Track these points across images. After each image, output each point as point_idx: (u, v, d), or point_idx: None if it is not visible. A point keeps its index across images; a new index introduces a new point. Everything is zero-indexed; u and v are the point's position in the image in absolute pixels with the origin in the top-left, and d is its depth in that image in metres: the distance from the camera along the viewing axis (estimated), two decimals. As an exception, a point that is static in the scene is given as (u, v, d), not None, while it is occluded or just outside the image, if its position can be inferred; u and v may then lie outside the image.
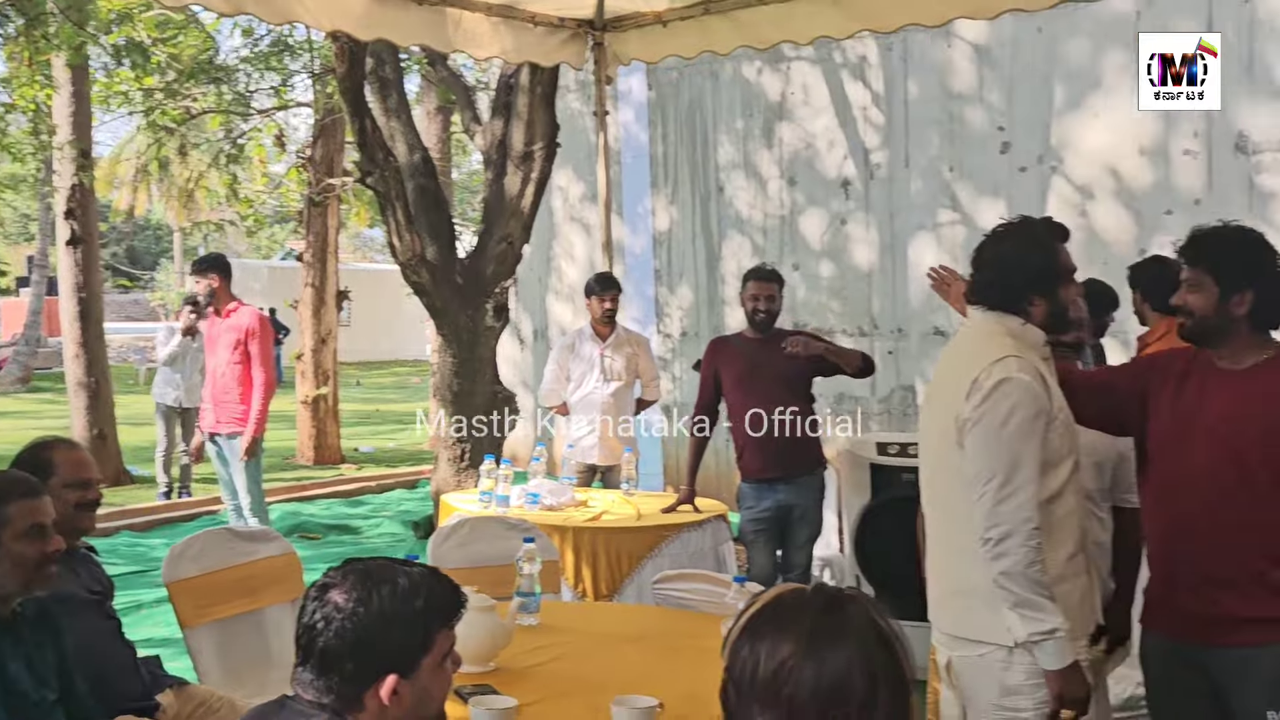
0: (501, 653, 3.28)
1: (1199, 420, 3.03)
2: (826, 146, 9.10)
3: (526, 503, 5.66)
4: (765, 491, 5.50)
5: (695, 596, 3.88)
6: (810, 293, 9.21)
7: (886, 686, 1.55)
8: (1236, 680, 2.99)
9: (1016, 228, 3.07)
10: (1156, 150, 7.63)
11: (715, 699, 2.88)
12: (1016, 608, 2.81)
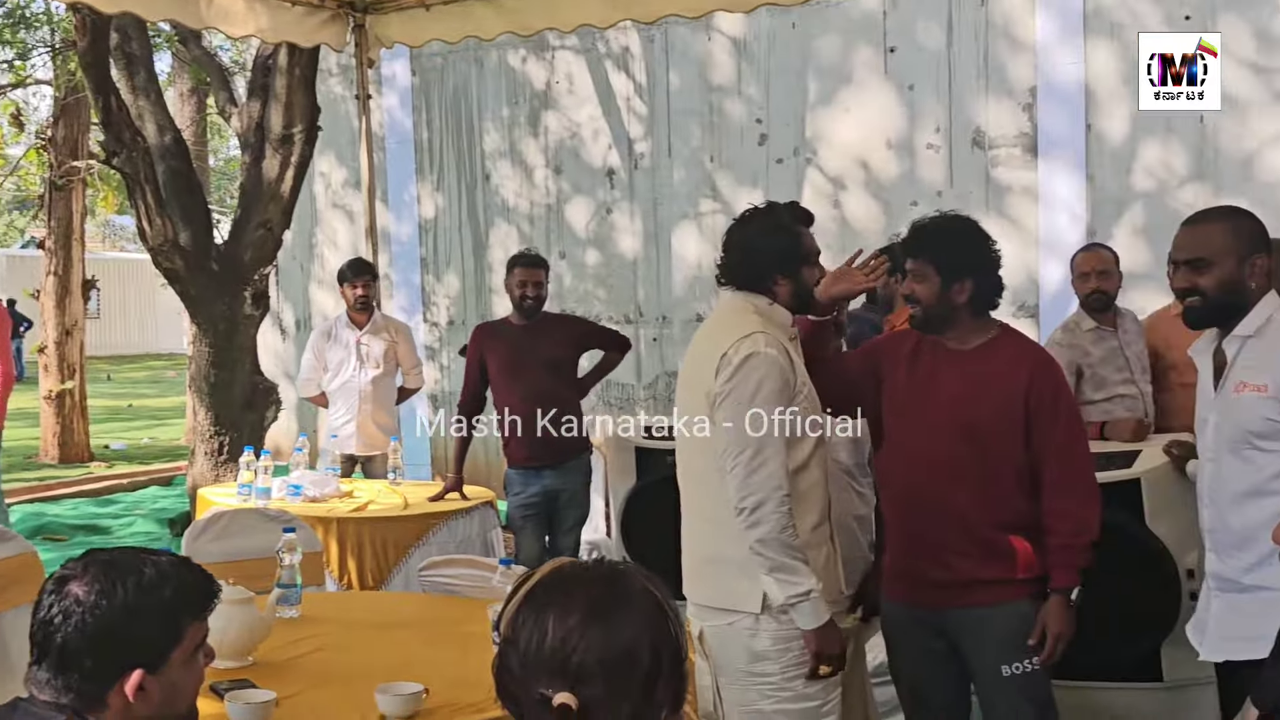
0: (260, 646, 3.19)
1: (932, 398, 3.20)
2: (591, 135, 9.18)
3: (289, 495, 5.52)
4: (532, 477, 5.52)
5: (461, 582, 3.86)
6: (576, 280, 9.28)
7: (668, 653, 1.58)
8: (972, 639, 3.19)
9: (761, 212, 3.19)
10: (902, 144, 8.01)
11: (482, 683, 2.88)
12: (773, 573, 2.92)
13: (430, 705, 2.82)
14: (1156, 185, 7.26)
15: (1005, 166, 7.68)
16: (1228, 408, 2.88)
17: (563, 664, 1.54)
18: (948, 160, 7.86)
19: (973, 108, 7.75)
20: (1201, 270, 2.86)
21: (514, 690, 1.58)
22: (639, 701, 1.55)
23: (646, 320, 8.99)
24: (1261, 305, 2.86)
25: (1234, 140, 7.02)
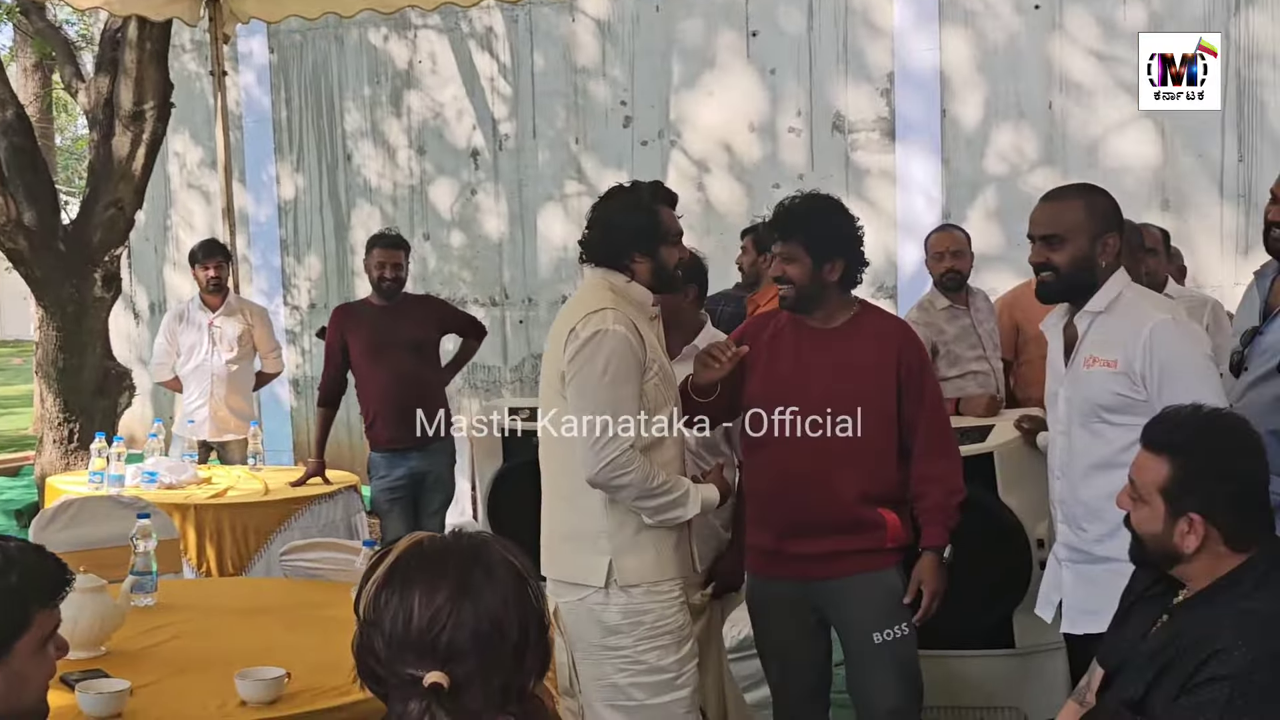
0: (114, 635, 3.11)
1: (799, 379, 3.25)
2: (455, 116, 9.09)
3: (143, 482, 5.37)
4: (397, 460, 5.46)
5: (324, 565, 3.81)
6: (441, 262, 9.19)
7: (534, 622, 1.59)
8: (843, 609, 3.27)
9: (623, 191, 3.21)
10: (765, 128, 8.10)
11: (345, 666, 2.84)
12: (665, 516, 3.01)
13: (292, 690, 2.78)
14: (1008, 169, 7.49)
15: (864, 150, 7.82)
16: (1078, 382, 2.95)
17: (432, 643, 1.52)
18: (809, 143, 7.98)
19: (833, 92, 7.88)
20: (1055, 246, 2.93)
21: (378, 671, 1.56)
22: (510, 673, 1.56)
23: (512, 302, 8.95)
24: (1111, 282, 2.93)
25: (1080, 127, 7.27)
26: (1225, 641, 2.10)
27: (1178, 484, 2.22)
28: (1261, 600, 2.15)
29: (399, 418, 5.39)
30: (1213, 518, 2.19)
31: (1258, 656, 2.07)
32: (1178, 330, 2.84)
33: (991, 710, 4.45)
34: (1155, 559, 2.29)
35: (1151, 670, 2.24)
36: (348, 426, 8.07)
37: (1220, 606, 2.18)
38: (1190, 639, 2.18)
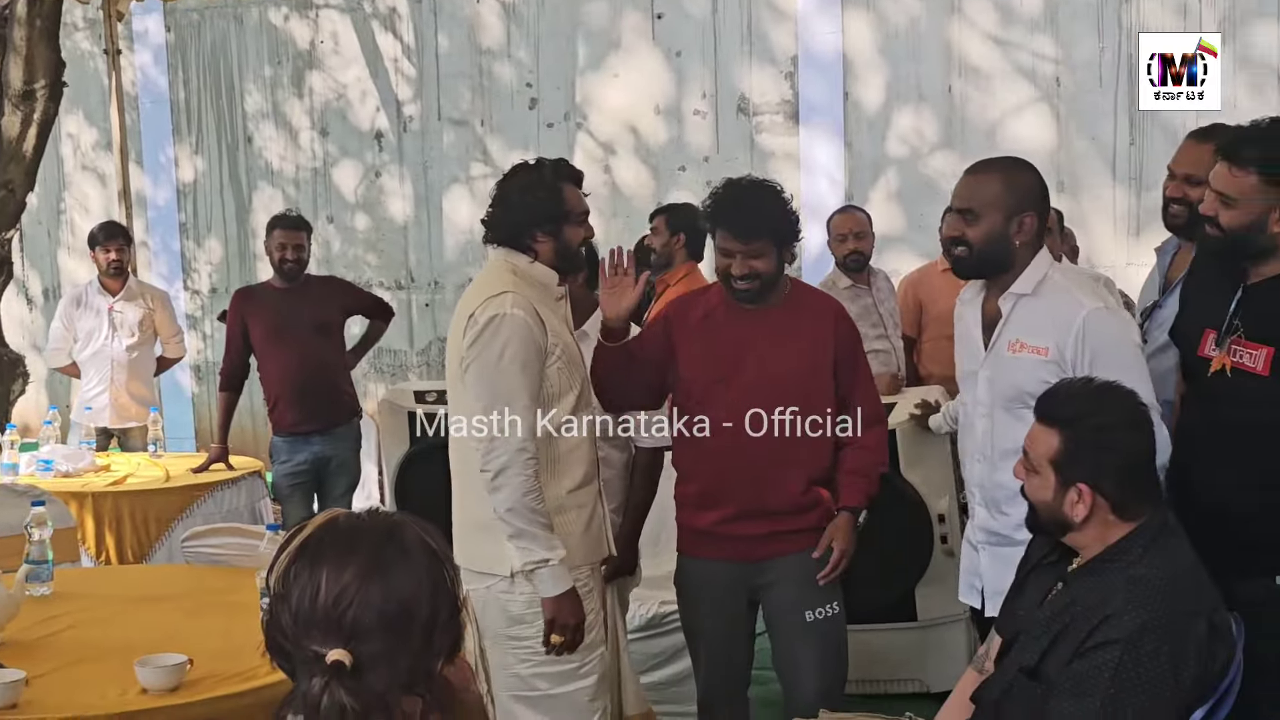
0: (8, 625, 3.04)
1: (736, 358, 3.20)
2: (359, 97, 8.98)
3: (39, 470, 5.24)
4: (300, 444, 5.39)
5: (227, 551, 3.76)
6: (346, 246, 9.09)
7: (445, 602, 1.58)
8: (778, 589, 3.26)
9: (526, 169, 3.14)
10: (670, 110, 8.13)
11: (248, 652, 2.82)
12: (513, 539, 2.90)
13: (195, 676, 2.75)
14: (909, 152, 7.60)
15: (769, 133, 7.89)
16: (1002, 366, 2.89)
17: (337, 621, 1.51)
18: (714, 126, 8.02)
19: (737, 75, 7.93)
20: (970, 221, 2.88)
21: (285, 647, 1.55)
22: (418, 653, 1.55)
23: (418, 285, 8.88)
24: (1036, 264, 2.88)
25: (979, 110, 7.40)
26: (1116, 607, 2.18)
27: (1066, 455, 2.28)
28: (1149, 566, 2.23)
29: (301, 401, 5.33)
30: (1100, 488, 2.26)
31: (1146, 621, 2.14)
32: (1110, 319, 2.81)
33: (894, 682, 4.55)
34: (1048, 527, 2.36)
35: (1047, 637, 2.31)
36: (251, 412, 7.96)
37: (1111, 574, 2.26)
38: (1083, 606, 2.26)
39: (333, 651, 1.50)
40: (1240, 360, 2.69)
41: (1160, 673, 2.12)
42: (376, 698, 1.52)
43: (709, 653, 3.39)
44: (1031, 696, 2.29)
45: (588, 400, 3.12)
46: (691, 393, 3.27)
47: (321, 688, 1.49)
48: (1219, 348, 2.74)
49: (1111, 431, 2.27)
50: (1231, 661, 2.24)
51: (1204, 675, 2.17)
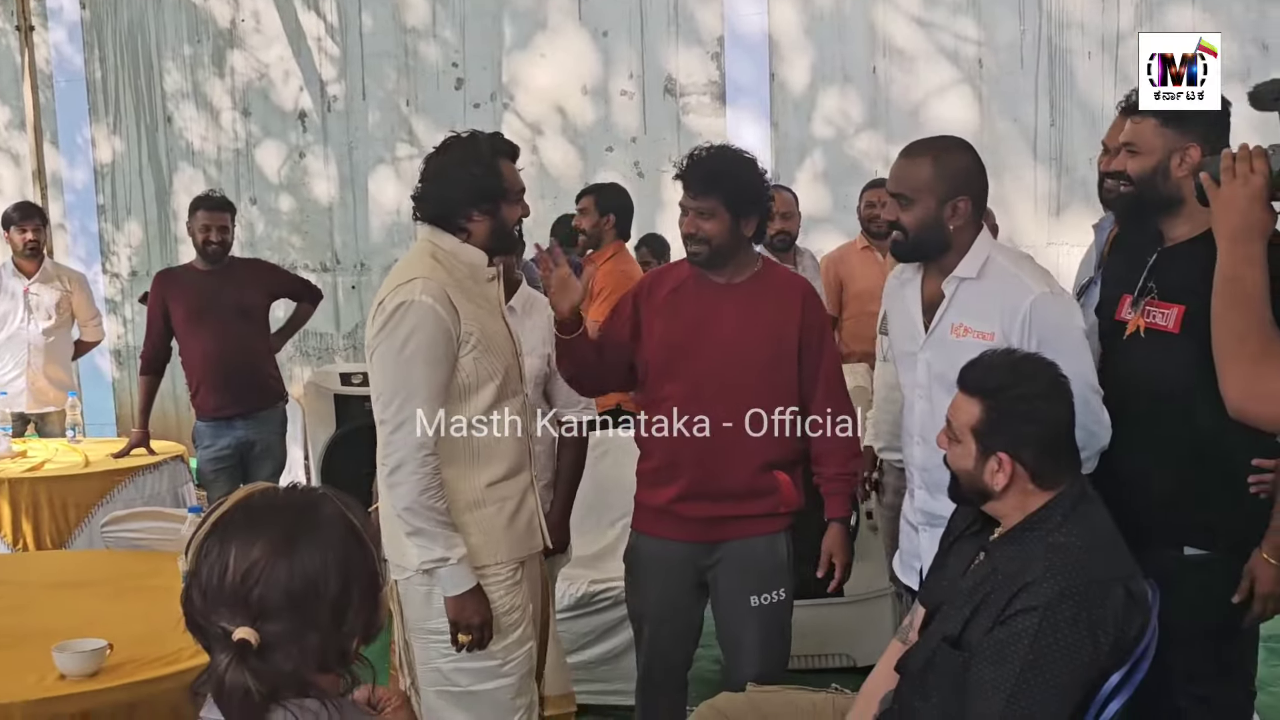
0: (-80, 614, 2.98)
1: (705, 337, 3.16)
2: (282, 77, 8.85)
3: (-48, 457, 5.13)
4: (223, 429, 5.31)
5: (148, 535, 3.71)
6: (270, 227, 8.96)
7: (359, 583, 1.57)
8: (728, 571, 3.24)
9: (460, 142, 2.94)
10: (598, 91, 8.10)
11: (170, 636, 2.79)
12: (410, 536, 2.77)
13: (115, 661, 2.72)
14: (834, 133, 7.65)
15: (696, 113, 7.89)
16: (944, 349, 2.87)
17: (244, 598, 1.50)
18: (641, 106, 8.01)
19: (664, 55, 7.92)
20: (904, 207, 2.86)
21: (199, 621, 1.54)
22: (327, 632, 1.54)
23: (344, 268, 8.79)
24: (977, 246, 2.87)
25: (903, 91, 7.47)
26: (1035, 574, 2.22)
27: (987, 424, 2.32)
28: (1068, 535, 2.27)
29: (224, 386, 5.25)
30: (1020, 457, 2.30)
31: (1065, 588, 2.18)
32: (1057, 304, 2.82)
33: (822, 656, 4.59)
34: (969, 496, 2.40)
35: (969, 606, 2.35)
36: (173, 396, 7.84)
37: (1030, 542, 2.30)
38: (1004, 574, 2.30)
39: (238, 630, 1.49)
40: (1153, 320, 2.74)
41: (1078, 639, 2.16)
42: (285, 677, 1.50)
43: (654, 632, 3.36)
44: (954, 665, 2.32)
45: (513, 389, 2.95)
46: (653, 366, 3.22)
47: (226, 666, 1.48)
48: (1134, 310, 2.79)
49: (1031, 402, 2.31)
50: (1147, 628, 2.29)
51: (1120, 641, 2.21)
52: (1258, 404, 1.81)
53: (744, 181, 3.13)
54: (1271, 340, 1.82)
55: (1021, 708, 2.16)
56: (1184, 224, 2.74)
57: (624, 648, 4.18)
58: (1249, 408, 1.82)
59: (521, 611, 2.93)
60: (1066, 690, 2.17)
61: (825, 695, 2.80)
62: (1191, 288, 2.66)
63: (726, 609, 3.27)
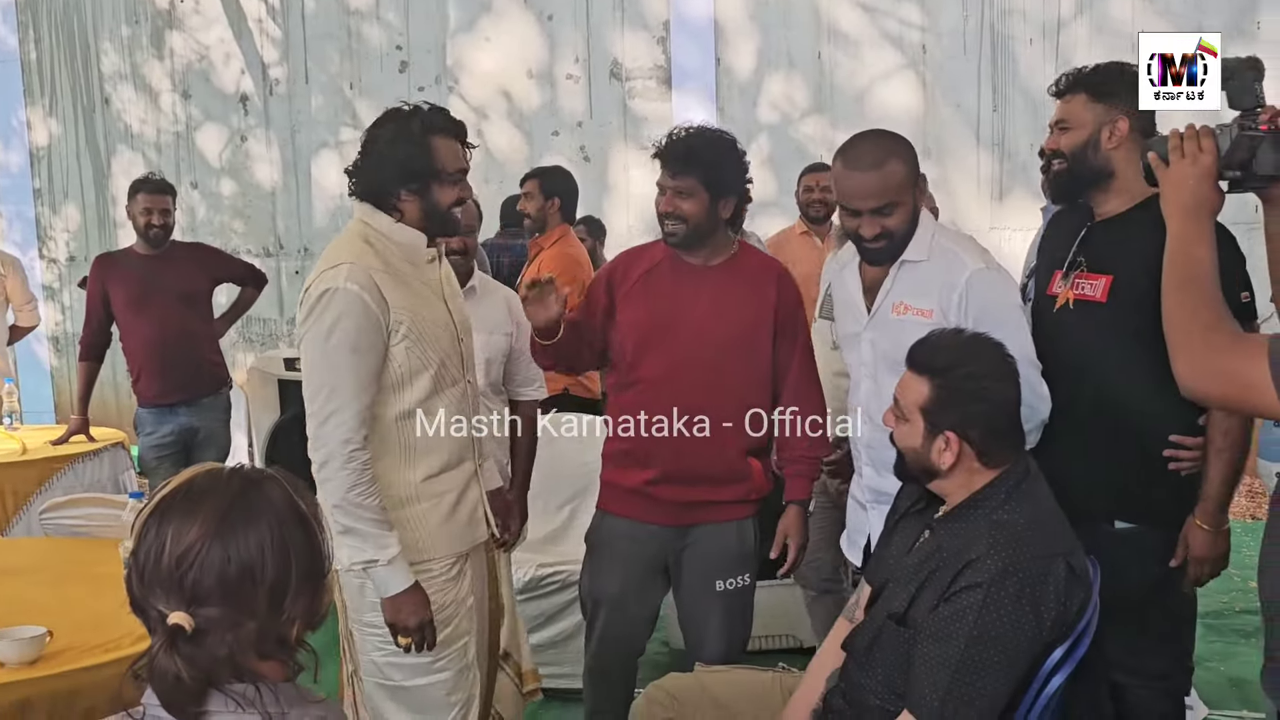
0: None
1: (681, 318, 3.12)
2: (223, 59, 8.74)
3: (-115, 445, 5.02)
4: (166, 416, 5.24)
5: (89, 522, 3.66)
6: (211, 212, 8.86)
7: (300, 568, 1.54)
8: (694, 555, 3.22)
9: (395, 114, 2.75)
10: (543, 74, 8.08)
11: (111, 623, 2.75)
12: (340, 535, 2.62)
13: (56, 648, 2.67)
14: (780, 118, 7.68)
15: (642, 98, 7.89)
16: (886, 328, 2.89)
17: (179, 582, 1.48)
18: (587, 91, 7.99)
19: (610, 39, 7.91)
20: (890, 214, 2.83)
21: (140, 604, 1.52)
22: (265, 617, 1.51)
23: (288, 252, 8.70)
24: (922, 227, 2.89)
25: (848, 76, 7.51)
26: (979, 551, 2.24)
27: (936, 403, 2.34)
28: (1011, 512, 2.30)
29: (166, 372, 5.17)
30: (967, 435, 2.32)
31: (1008, 564, 2.21)
32: (993, 279, 2.84)
33: (770, 638, 4.62)
34: (915, 474, 2.42)
35: (914, 583, 2.37)
36: (113, 383, 7.74)
37: (975, 519, 2.32)
38: (948, 551, 2.32)
39: (173, 615, 1.47)
40: (1082, 292, 2.81)
41: (1021, 614, 2.19)
42: (220, 663, 1.48)
43: (611, 616, 3.31)
44: (899, 642, 2.34)
45: (451, 378, 2.80)
46: (627, 348, 3.18)
47: (158, 649, 1.46)
48: (1064, 284, 2.86)
49: (980, 381, 2.33)
50: (1088, 603, 2.32)
51: (1063, 616, 2.24)
52: (1208, 382, 1.81)
53: (723, 162, 3.09)
54: (1222, 318, 1.82)
55: (966, 683, 2.19)
56: (1114, 198, 2.81)
57: (573, 630, 4.18)
58: (1199, 386, 1.83)
59: (456, 606, 2.82)
60: (1010, 665, 2.20)
61: (773, 674, 2.82)
62: (1119, 259, 2.73)
63: (692, 593, 3.25)
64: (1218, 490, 2.72)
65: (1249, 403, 1.76)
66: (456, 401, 2.82)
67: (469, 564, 2.89)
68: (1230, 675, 4.30)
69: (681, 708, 2.73)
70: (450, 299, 2.89)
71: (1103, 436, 2.79)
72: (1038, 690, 2.27)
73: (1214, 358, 1.78)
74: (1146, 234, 2.68)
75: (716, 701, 2.73)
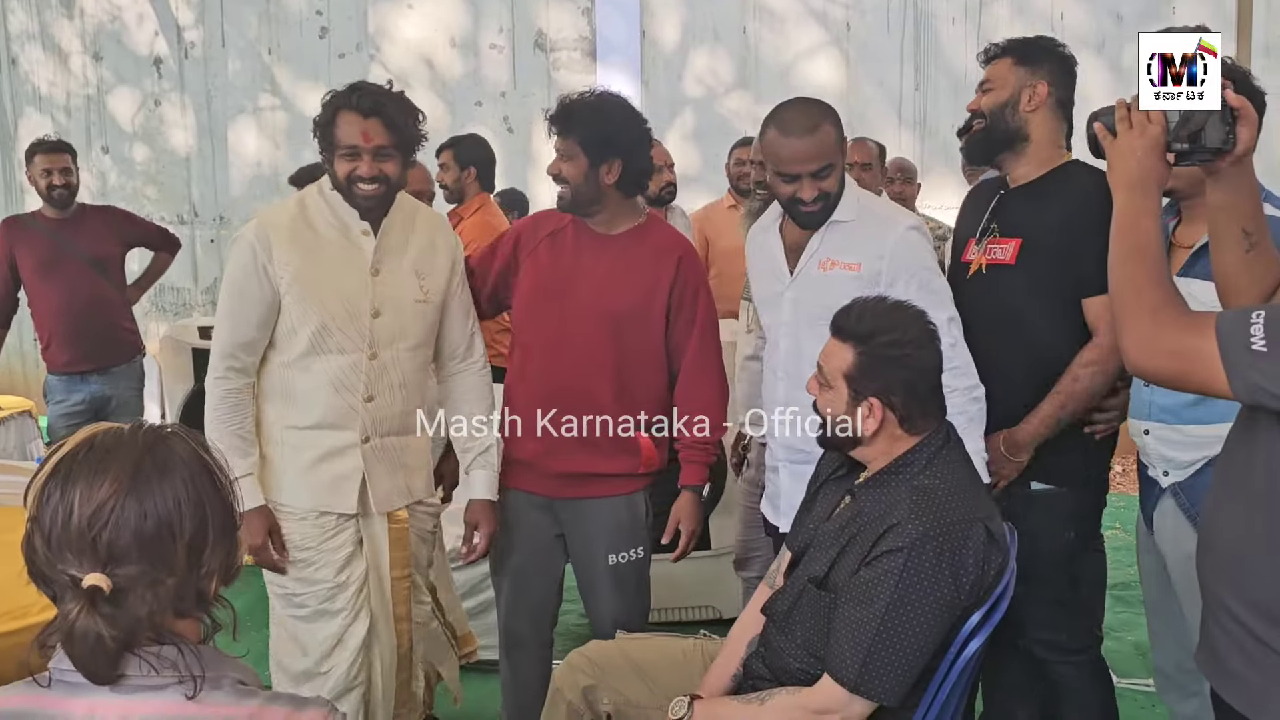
0: None
1: (575, 285, 3.11)
2: (135, 21, 8.52)
3: None
4: (76, 384, 5.13)
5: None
6: (124, 178, 8.65)
7: (216, 518, 1.52)
8: (584, 528, 3.22)
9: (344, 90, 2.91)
10: (467, 43, 7.99)
11: (19, 590, 2.68)
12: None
13: (-40, 616, 2.60)
14: (704, 92, 7.68)
15: (566, 69, 7.84)
16: (810, 285, 2.92)
17: (92, 543, 1.43)
18: (511, 61, 7.93)
19: (534, 10, 7.85)
20: (827, 176, 2.87)
21: (44, 570, 1.46)
22: (184, 573, 1.48)
23: (203, 220, 8.53)
24: (849, 190, 2.94)
25: (773, 52, 7.53)
26: (900, 516, 2.26)
27: (859, 370, 2.35)
28: (932, 478, 2.32)
29: (77, 339, 5.06)
30: (890, 402, 2.34)
31: (928, 528, 2.23)
32: (920, 238, 2.90)
33: (689, 609, 4.64)
34: (838, 442, 2.43)
35: (835, 548, 2.38)
36: (20, 351, 7.54)
37: (896, 485, 2.34)
38: (870, 516, 2.34)
39: (88, 576, 1.43)
40: (993, 256, 2.90)
41: (940, 578, 2.21)
42: (139, 622, 1.45)
43: (516, 585, 3.32)
44: (820, 606, 2.36)
45: (337, 345, 2.91)
46: (521, 311, 3.19)
47: (76, 613, 1.42)
48: (978, 249, 2.95)
49: (903, 348, 2.34)
50: (1006, 568, 2.35)
51: (981, 580, 2.27)
52: (1156, 361, 1.78)
53: (605, 125, 3.04)
54: (1169, 294, 1.80)
55: (886, 645, 2.21)
56: (1027, 164, 2.90)
57: (490, 603, 4.16)
58: (1147, 364, 1.80)
59: (317, 552, 2.96)
60: (930, 628, 2.23)
61: (694, 641, 2.82)
62: (1029, 223, 2.81)
63: (584, 566, 3.26)
64: (1033, 427, 2.82)
65: (1196, 379, 1.73)
66: (346, 372, 2.92)
67: (352, 525, 3.01)
68: (1137, 644, 4.40)
69: (603, 674, 2.73)
70: (386, 275, 2.95)
71: (1020, 396, 2.85)
72: (955, 654, 2.30)
73: (1161, 335, 1.76)
74: (1056, 198, 2.81)
75: (638, 667, 2.73)
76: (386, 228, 2.96)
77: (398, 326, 2.97)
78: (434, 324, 3.09)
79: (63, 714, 1.45)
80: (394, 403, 3.01)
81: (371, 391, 2.95)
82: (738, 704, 2.43)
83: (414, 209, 3.09)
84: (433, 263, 3.05)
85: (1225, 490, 1.87)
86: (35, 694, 1.47)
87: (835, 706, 2.26)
